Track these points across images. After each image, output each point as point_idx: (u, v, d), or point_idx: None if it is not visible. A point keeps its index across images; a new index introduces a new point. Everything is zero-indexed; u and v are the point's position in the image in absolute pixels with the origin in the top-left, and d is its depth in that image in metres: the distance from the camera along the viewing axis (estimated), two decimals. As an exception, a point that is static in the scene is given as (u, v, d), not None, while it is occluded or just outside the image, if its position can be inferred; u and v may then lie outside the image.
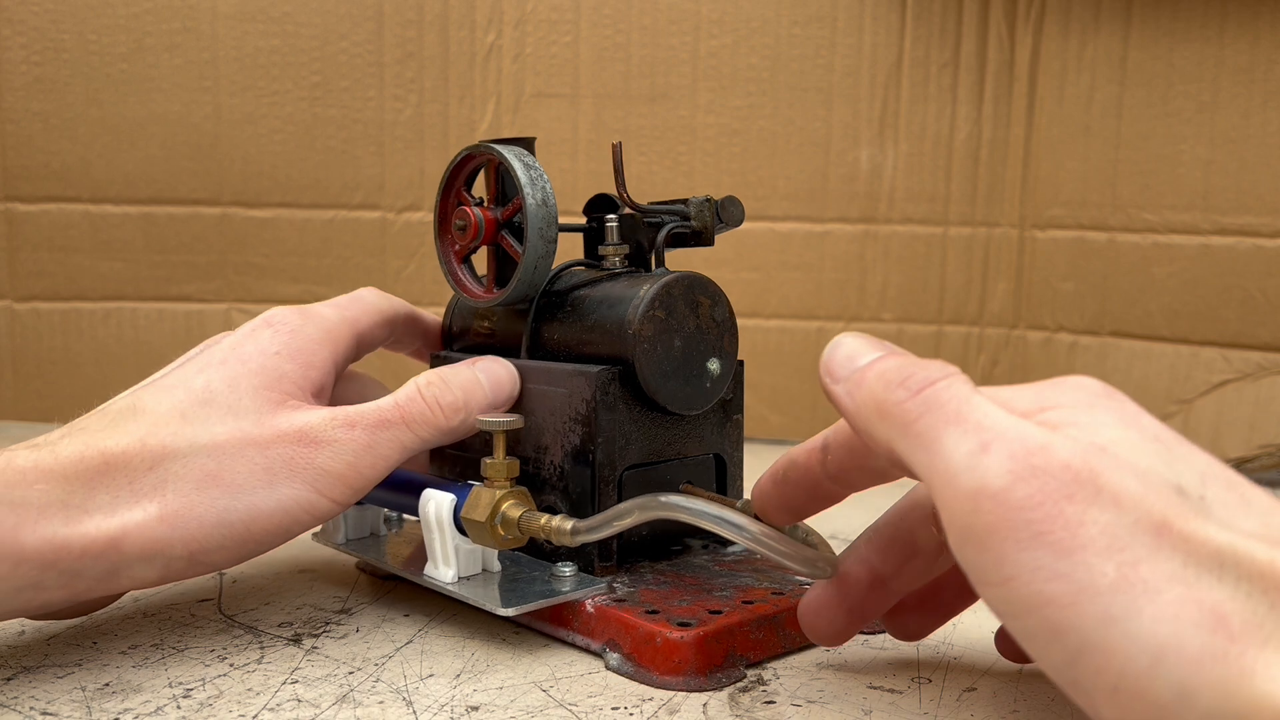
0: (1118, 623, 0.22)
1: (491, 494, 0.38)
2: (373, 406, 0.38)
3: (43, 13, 0.80)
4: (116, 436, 0.35)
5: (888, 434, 0.27)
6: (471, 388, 0.40)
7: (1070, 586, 0.22)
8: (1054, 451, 0.24)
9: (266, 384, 0.37)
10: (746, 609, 0.37)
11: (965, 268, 0.82)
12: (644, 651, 0.35)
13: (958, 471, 0.24)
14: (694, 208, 0.43)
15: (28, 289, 0.83)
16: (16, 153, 0.82)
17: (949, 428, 0.25)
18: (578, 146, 0.83)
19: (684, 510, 0.33)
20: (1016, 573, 0.23)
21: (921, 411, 0.26)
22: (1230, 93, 0.72)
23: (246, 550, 0.36)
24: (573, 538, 0.36)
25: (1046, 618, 0.23)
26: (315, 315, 0.41)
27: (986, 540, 0.23)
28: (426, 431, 0.39)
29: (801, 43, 0.82)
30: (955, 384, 0.26)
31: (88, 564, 0.33)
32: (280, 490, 0.36)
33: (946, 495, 0.25)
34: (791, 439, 0.85)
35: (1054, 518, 0.23)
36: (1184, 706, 0.21)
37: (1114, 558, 0.22)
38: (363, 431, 0.37)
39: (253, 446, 0.36)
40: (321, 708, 0.33)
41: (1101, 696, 0.22)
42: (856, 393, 0.28)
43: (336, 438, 0.37)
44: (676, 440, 0.42)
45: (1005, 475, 0.23)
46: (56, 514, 0.33)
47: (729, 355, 0.42)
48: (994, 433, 0.24)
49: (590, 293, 0.42)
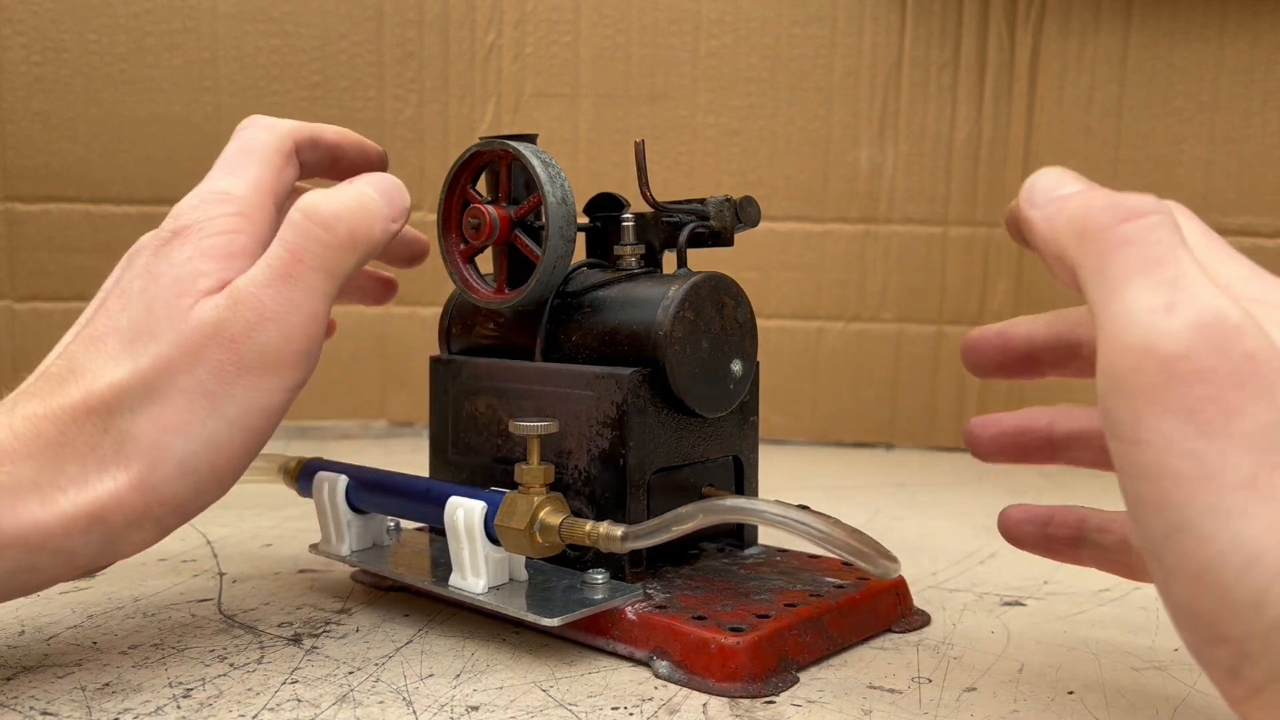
0: (1228, 517, 0.22)
1: (529, 500, 0.37)
2: (263, 267, 0.34)
3: (43, 13, 0.80)
4: (62, 400, 0.32)
5: (1079, 258, 0.25)
6: (359, 198, 0.36)
7: (1197, 468, 0.22)
8: (1242, 336, 0.22)
9: (176, 292, 0.33)
10: (791, 612, 0.37)
11: (965, 268, 0.82)
12: (696, 659, 0.35)
13: (1132, 322, 0.23)
14: (713, 207, 0.43)
15: (28, 289, 0.83)
16: (16, 153, 0.82)
17: (1140, 273, 0.23)
18: (578, 146, 0.83)
19: (750, 513, 0.33)
20: (1152, 439, 0.22)
21: (1119, 243, 0.24)
22: (1230, 93, 0.72)
23: (227, 482, 0.34)
24: (623, 544, 0.35)
25: (1162, 489, 0.22)
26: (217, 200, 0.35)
27: (1135, 399, 0.23)
28: (333, 261, 0.34)
29: (801, 43, 0.82)
30: (1164, 226, 0.24)
31: (77, 541, 0.32)
32: (228, 410, 0.33)
33: (1112, 340, 0.23)
34: (792, 439, 0.85)
35: (1213, 399, 0.22)
36: (1255, 614, 0.21)
37: (1256, 457, 0.22)
38: (272, 301, 0.33)
39: (179, 373, 0.32)
40: (321, 708, 0.33)
41: (1182, 578, 0.23)
42: (1056, 218, 0.26)
43: (250, 324, 0.33)
44: (700, 443, 0.42)
45: (1181, 342, 0.22)
46: (30, 497, 0.31)
47: (750, 356, 0.42)
48: (1186, 295, 0.23)
49: (609, 293, 0.41)
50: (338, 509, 0.43)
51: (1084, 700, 0.34)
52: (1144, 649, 0.39)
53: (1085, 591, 0.46)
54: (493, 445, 0.44)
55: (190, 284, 0.33)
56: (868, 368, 0.84)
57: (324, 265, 0.34)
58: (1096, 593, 0.46)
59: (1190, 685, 0.35)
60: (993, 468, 0.77)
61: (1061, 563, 0.35)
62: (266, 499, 0.62)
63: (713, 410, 0.41)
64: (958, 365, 0.83)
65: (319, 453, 0.49)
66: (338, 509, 0.43)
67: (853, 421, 0.85)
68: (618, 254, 0.43)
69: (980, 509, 0.63)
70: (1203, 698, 0.34)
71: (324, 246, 0.34)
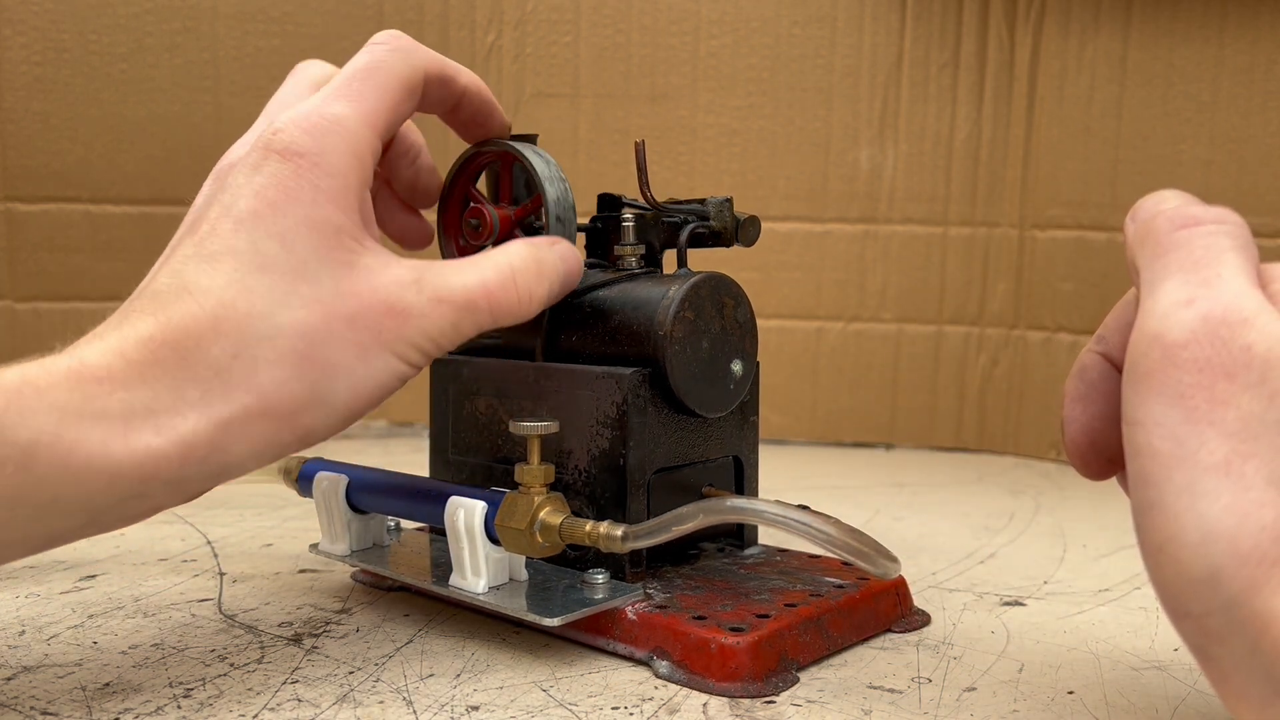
0: (1194, 497, 0.23)
1: (529, 500, 0.37)
2: (460, 285, 0.35)
3: (43, 13, 0.80)
4: (180, 319, 0.31)
5: (1138, 261, 0.27)
6: (553, 277, 0.38)
7: (1175, 450, 0.23)
8: (1247, 329, 0.23)
9: (324, 242, 0.33)
10: (791, 612, 0.37)
11: (965, 268, 0.82)
12: (696, 659, 0.35)
13: (1155, 313, 0.25)
14: (713, 208, 0.43)
15: (28, 289, 0.83)
16: (16, 153, 0.82)
17: (1180, 273, 0.25)
18: (578, 146, 0.83)
19: (750, 513, 0.33)
20: (1143, 419, 0.24)
21: (1171, 247, 0.26)
22: (1230, 93, 0.72)
23: (347, 423, 0.35)
24: (624, 544, 0.35)
25: (1144, 467, 0.24)
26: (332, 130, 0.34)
27: (1139, 382, 0.24)
28: (507, 321, 0.37)
29: (801, 43, 0.82)
30: (1218, 234, 0.26)
31: (191, 469, 0.31)
32: (374, 364, 0.34)
33: (1137, 332, 0.25)
34: (792, 439, 0.85)
35: (1203, 387, 0.23)
36: (1211, 590, 0.22)
37: (1232, 444, 0.23)
38: (450, 309, 0.35)
39: (340, 321, 0.33)
40: (321, 708, 0.33)
41: (1150, 552, 0.24)
42: (1139, 227, 0.28)
43: (425, 312, 0.34)
44: (700, 443, 0.42)
45: (1186, 332, 0.24)
46: (145, 424, 0.30)
47: (749, 356, 0.42)
48: (1210, 291, 0.24)
49: (609, 294, 0.41)
50: (338, 509, 0.43)
51: (1084, 700, 0.34)
52: (1144, 649, 0.39)
53: (1085, 591, 0.46)
54: (493, 445, 0.44)
55: (336, 237, 0.34)
56: (867, 368, 0.84)
57: (498, 317, 0.36)
58: (1096, 593, 0.46)
59: (1190, 685, 0.35)
60: (992, 468, 0.77)
61: None
62: (266, 499, 0.62)
63: (713, 410, 0.41)
64: (957, 365, 0.83)
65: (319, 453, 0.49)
66: (338, 509, 0.43)
67: (852, 421, 0.85)
68: (618, 254, 0.43)
69: (980, 509, 0.63)
70: (1202, 698, 0.34)
71: (508, 309, 0.36)
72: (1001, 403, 0.82)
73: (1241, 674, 0.22)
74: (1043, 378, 0.80)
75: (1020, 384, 0.81)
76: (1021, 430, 0.81)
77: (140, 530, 0.54)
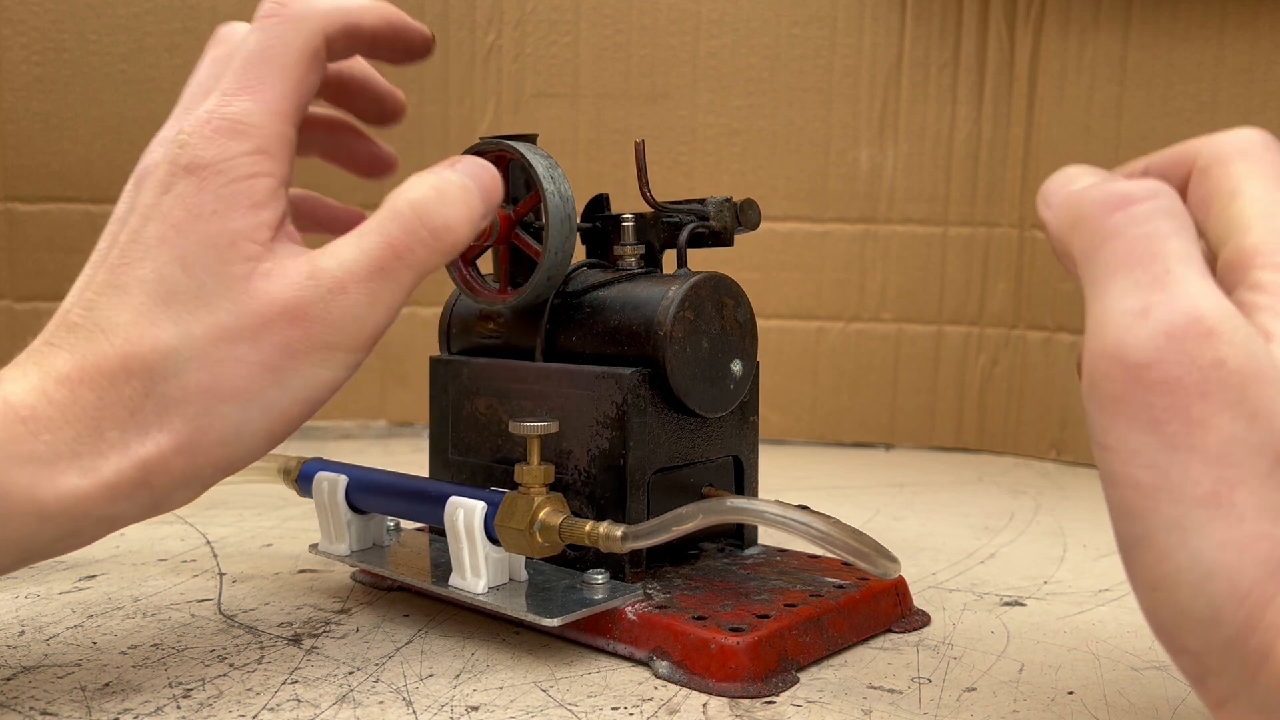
0: (1186, 533, 0.21)
1: (529, 500, 0.36)
2: (358, 254, 0.32)
3: (43, 13, 0.80)
4: (96, 358, 0.31)
5: (1073, 251, 0.24)
6: (468, 205, 0.34)
7: (1158, 481, 0.22)
8: (1216, 342, 0.21)
9: (221, 258, 0.31)
10: (791, 612, 0.37)
11: (965, 268, 0.82)
12: (696, 659, 0.35)
13: (1108, 324, 0.22)
14: (713, 208, 0.43)
15: (28, 289, 0.83)
16: (16, 153, 0.82)
17: (1124, 271, 0.23)
18: (578, 146, 0.83)
19: (750, 513, 0.33)
20: (1117, 447, 0.22)
21: (1107, 236, 0.23)
22: (1230, 93, 0.72)
23: (275, 444, 0.34)
24: (623, 544, 0.35)
25: (1126, 498, 0.22)
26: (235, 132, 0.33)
27: (1106, 407, 0.22)
28: (430, 263, 0.33)
29: (801, 43, 0.82)
30: (1155, 215, 0.23)
31: (122, 506, 0.31)
32: (290, 382, 0.32)
33: (1090, 343, 0.23)
34: (791, 439, 0.85)
35: (1178, 410, 0.21)
36: (1211, 630, 0.21)
37: (1217, 471, 0.21)
38: (358, 289, 0.32)
39: (244, 345, 0.31)
40: (321, 708, 0.33)
41: (1143, 588, 0.23)
42: (1061, 211, 0.25)
43: (328, 307, 0.32)
44: (699, 443, 0.42)
45: (1150, 351, 0.22)
46: (70, 466, 0.30)
47: (749, 356, 0.42)
48: (1165, 296, 0.22)
49: (609, 293, 0.41)
50: (338, 509, 0.43)
51: (1084, 700, 0.34)
52: (1144, 649, 0.39)
53: (1085, 591, 0.46)
54: (493, 445, 0.44)
55: (232, 250, 0.32)
56: (867, 368, 0.84)
57: (421, 266, 0.33)
58: (1096, 593, 0.46)
59: (1190, 686, 0.35)
60: (992, 468, 0.77)
61: None
62: (266, 499, 0.62)
63: (713, 410, 0.41)
64: (957, 365, 0.83)
65: (319, 453, 0.49)
66: (338, 509, 0.43)
67: (852, 421, 0.85)
68: (618, 254, 0.44)
69: (980, 509, 0.63)
70: (1203, 698, 0.34)
71: (428, 250, 0.33)
72: (1001, 403, 0.82)
73: (1239, 703, 0.22)
74: (1043, 378, 0.80)
75: (1020, 384, 0.81)
76: (1021, 430, 0.81)
77: (140, 530, 0.54)
